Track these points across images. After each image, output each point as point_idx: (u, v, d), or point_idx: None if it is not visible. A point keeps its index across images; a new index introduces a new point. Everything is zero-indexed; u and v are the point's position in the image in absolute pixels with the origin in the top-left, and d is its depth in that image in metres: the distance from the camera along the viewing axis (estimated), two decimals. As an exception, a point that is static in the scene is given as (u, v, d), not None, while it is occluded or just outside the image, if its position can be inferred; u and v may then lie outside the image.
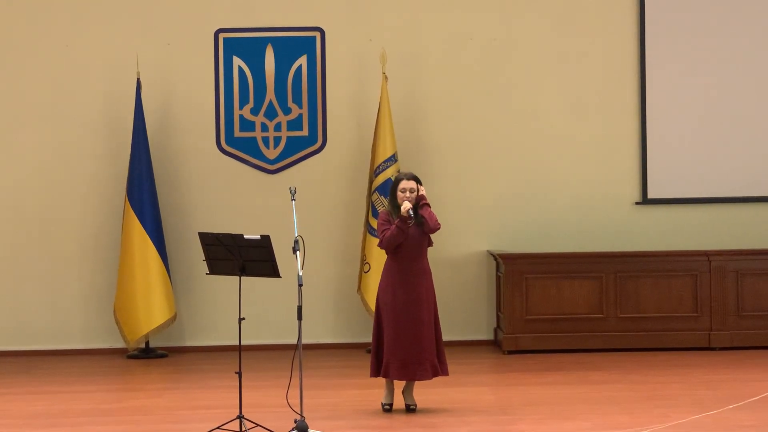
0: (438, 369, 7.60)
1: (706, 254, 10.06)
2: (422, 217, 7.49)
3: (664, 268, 10.04)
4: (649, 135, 10.50)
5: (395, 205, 7.55)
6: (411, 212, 7.45)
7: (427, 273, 7.62)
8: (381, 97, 10.16)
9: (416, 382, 7.70)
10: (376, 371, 7.65)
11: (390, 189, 7.68)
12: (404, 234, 7.47)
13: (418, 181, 7.57)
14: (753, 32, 10.50)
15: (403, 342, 7.48)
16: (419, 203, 7.53)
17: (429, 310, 7.58)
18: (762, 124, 10.51)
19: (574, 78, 10.51)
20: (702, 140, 10.50)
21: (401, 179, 7.57)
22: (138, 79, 10.13)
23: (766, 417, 7.21)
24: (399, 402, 7.71)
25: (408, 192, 7.50)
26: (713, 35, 10.47)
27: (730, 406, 7.34)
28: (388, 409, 7.63)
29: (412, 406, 7.64)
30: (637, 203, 10.54)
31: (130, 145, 10.11)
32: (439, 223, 7.56)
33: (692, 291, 10.02)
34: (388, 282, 7.58)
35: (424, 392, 7.91)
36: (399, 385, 7.73)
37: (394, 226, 7.46)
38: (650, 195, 10.51)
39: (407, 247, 7.52)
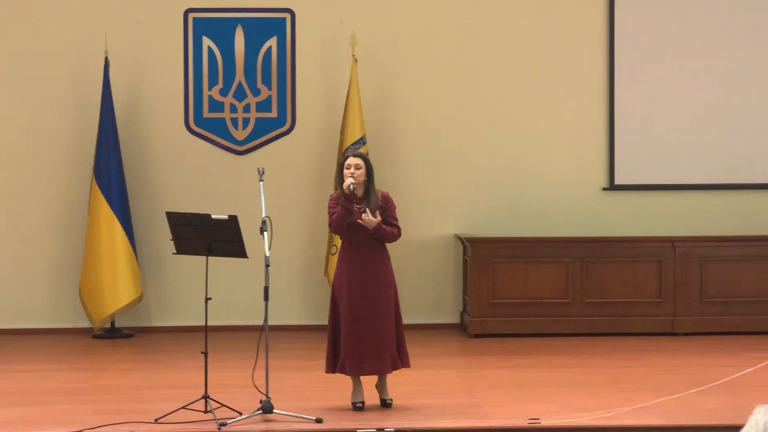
0: (398, 361, 7.24)
1: (671, 240, 10.13)
2: (372, 205, 7.08)
3: (629, 254, 10.11)
4: (617, 121, 10.55)
5: (342, 184, 7.16)
6: (352, 188, 7.05)
7: (385, 259, 7.22)
8: (350, 80, 10.15)
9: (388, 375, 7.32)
10: (332, 367, 7.20)
11: (338, 168, 7.31)
12: (350, 213, 7.08)
13: (366, 161, 7.17)
14: (722, 20, 10.55)
15: (359, 335, 7.09)
16: (381, 224, 7.09)
17: (388, 299, 7.19)
18: (727, 114, 10.58)
19: (544, 64, 10.54)
20: (668, 128, 10.56)
21: (348, 156, 7.21)
22: (106, 58, 10.07)
23: (727, 401, 7.28)
24: (370, 397, 7.41)
25: (353, 168, 7.10)
26: (682, 23, 10.53)
27: (693, 390, 7.40)
28: (360, 407, 7.22)
29: (388, 401, 7.29)
30: (604, 189, 10.60)
31: (97, 124, 10.06)
32: (396, 238, 7.18)
33: (657, 277, 10.09)
34: (342, 271, 7.18)
35: (390, 375, 7.90)
36: (369, 379, 7.39)
37: (339, 206, 7.12)
38: (617, 181, 10.57)
39: (362, 232, 7.12)
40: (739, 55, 10.57)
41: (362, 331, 7.14)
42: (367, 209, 7.11)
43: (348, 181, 7.10)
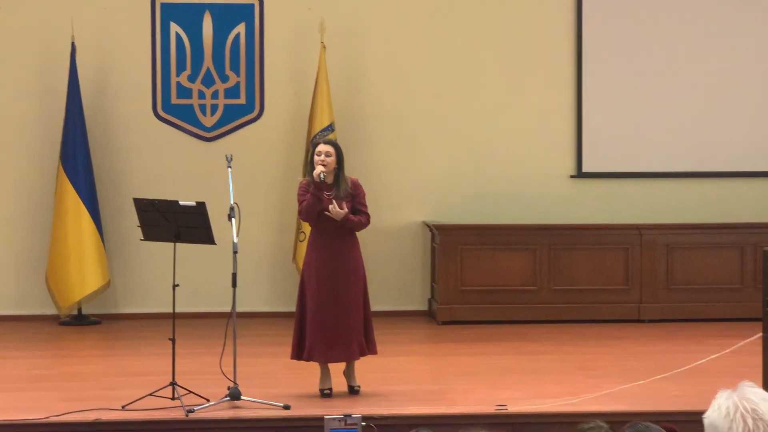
0: (365, 348, 7.26)
1: (638, 228, 10.19)
2: (342, 192, 7.08)
3: (596, 241, 10.17)
4: (585, 109, 10.59)
5: (312, 171, 7.11)
6: (322, 176, 7.03)
7: (354, 246, 7.23)
8: (319, 67, 10.14)
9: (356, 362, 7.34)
10: (297, 354, 7.22)
11: (309, 155, 7.29)
12: (320, 201, 7.06)
13: (337, 148, 7.14)
14: (690, 9, 10.60)
15: (328, 322, 7.10)
16: (348, 215, 7.08)
17: (357, 286, 7.19)
18: (695, 102, 10.64)
19: (513, 52, 10.56)
20: (636, 116, 10.61)
21: (318, 143, 7.20)
22: (73, 43, 10.00)
23: (691, 387, 7.34)
24: (338, 384, 7.42)
25: (324, 156, 7.05)
26: (651, 11, 10.57)
27: (658, 377, 7.46)
28: (327, 393, 7.23)
29: (356, 388, 7.31)
30: (572, 176, 10.64)
31: (64, 110, 9.99)
32: (364, 226, 7.20)
33: (624, 264, 10.15)
34: (311, 258, 7.18)
35: (357, 362, 7.91)
36: (337, 366, 7.39)
37: (309, 194, 7.09)
38: (585, 169, 10.62)
39: (331, 219, 7.08)
40: (707, 44, 10.62)
41: (330, 318, 7.15)
42: (334, 201, 7.11)
43: (318, 169, 7.07)
